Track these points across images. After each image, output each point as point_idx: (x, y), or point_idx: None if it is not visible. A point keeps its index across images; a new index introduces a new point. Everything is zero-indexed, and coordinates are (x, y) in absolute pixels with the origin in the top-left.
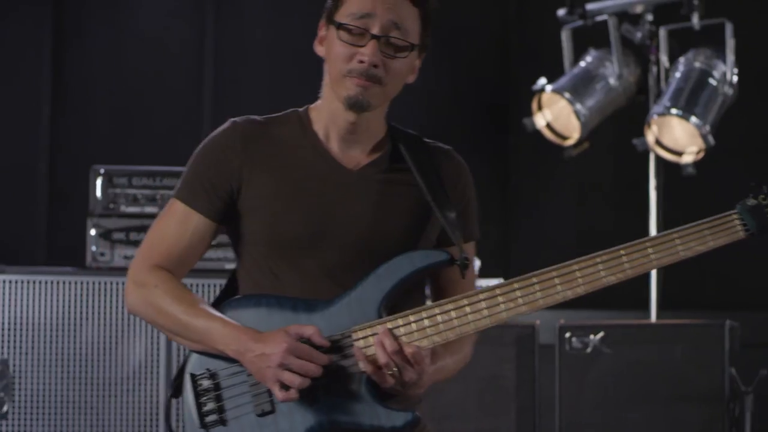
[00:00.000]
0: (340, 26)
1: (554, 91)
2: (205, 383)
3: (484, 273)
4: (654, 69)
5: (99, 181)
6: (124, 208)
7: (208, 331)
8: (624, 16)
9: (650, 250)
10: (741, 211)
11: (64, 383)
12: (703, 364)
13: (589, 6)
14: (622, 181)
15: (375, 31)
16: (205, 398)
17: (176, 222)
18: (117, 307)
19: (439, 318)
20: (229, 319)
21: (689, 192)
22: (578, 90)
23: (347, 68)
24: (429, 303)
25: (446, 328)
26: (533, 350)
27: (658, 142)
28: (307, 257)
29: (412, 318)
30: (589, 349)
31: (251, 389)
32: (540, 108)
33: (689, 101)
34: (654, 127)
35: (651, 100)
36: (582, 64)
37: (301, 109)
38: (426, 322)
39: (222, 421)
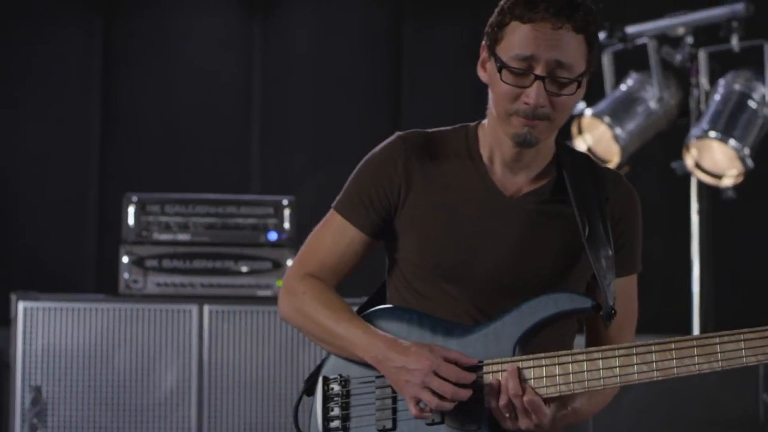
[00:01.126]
0: (502, 66)
1: (594, 115)
2: (336, 388)
3: None
4: (695, 92)
5: (132, 209)
6: (156, 236)
7: (349, 337)
8: (664, 38)
9: None
10: None
11: (96, 410)
12: (737, 390)
13: (629, 29)
14: (673, 204)
15: (539, 71)
16: (332, 403)
17: (332, 233)
18: (150, 334)
19: (570, 368)
20: (371, 327)
21: (731, 215)
22: (618, 114)
23: (513, 108)
24: (576, 348)
25: (575, 380)
26: None
27: (698, 165)
28: (452, 282)
29: (544, 362)
30: None
31: (377, 403)
32: (580, 132)
33: (728, 124)
34: (693, 150)
35: (692, 122)
36: (623, 87)
37: (471, 125)
38: (557, 369)
39: (344, 429)
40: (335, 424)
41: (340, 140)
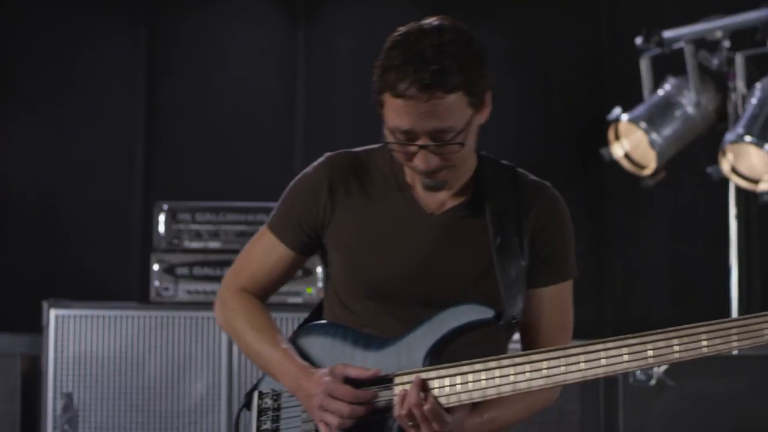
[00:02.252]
0: (387, 141)
1: (630, 120)
2: (268, 402)
3: (578, 303)
4: (733, 96)
5: (162, 217)
6: (187, 244)
7: (271, 361)
8: (701, 42)
9: (675, 341)
10: None
11: (127, 416)
12: None
13: (666, 34)
14: (712, 210)
15: (421, 141)
16: (264, 417)
17: (263, 249)
18: (180, 341)
19: (470, 377)
20: (289, 352)
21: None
22: (654, 119)
23: (409, 165)
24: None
25: (474, 388)
26: (597, 383)
27: (734, 170)
28: (377, 299)
29: (446, 372)
30: (653, 382)
31: (303, 415)
32: (617, 137)
33: (764, 128)
34: (729, 155)
35: (730, 127)
36: (660, 92)
37: None
38: (458, 379)
39: None
40: None
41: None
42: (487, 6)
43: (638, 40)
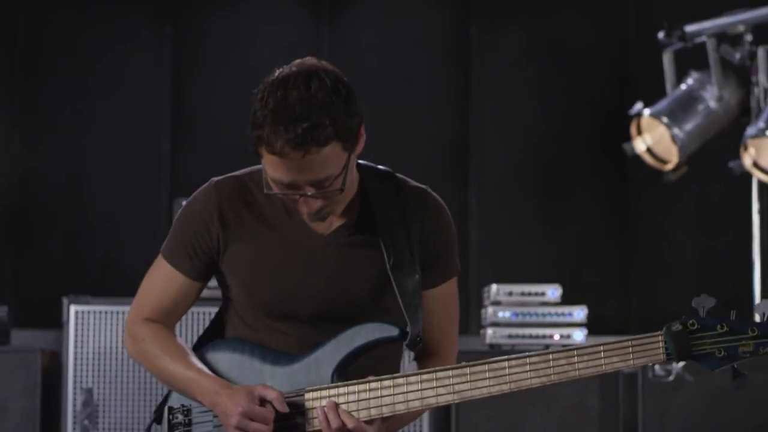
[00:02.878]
0: (269, 192)
1: (652, 115)
2: (180, 417)
3: (604, 299)
4: (756, 90)
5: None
6: None
7: (188, 382)
8: (723, 36)
9: (576, 358)
10: (666, 335)
11: (146, 411)
12: None
13: (688, 28)
14: (735, 204)
15: (302, 191)
16: (176, 431)
17: (162, 279)
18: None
19: (380, 392)
20: (204, 371)
21: None
22: (676, 114)
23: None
24: (407, 366)
25: (384, 403)
26: (617, 378)
27: (756, 164)
28: (278, 320)
29: (356, 388)
30: (671, 377)
31: (215, 430)
32: (640, 132)
33: None
34: (751, 149)
35: (752, 121)
36: (683, 86)
37: None
38: (367, 394)
39: None
40: None
41: (407, 143)
42: (512, 1)
43: (661, 35)
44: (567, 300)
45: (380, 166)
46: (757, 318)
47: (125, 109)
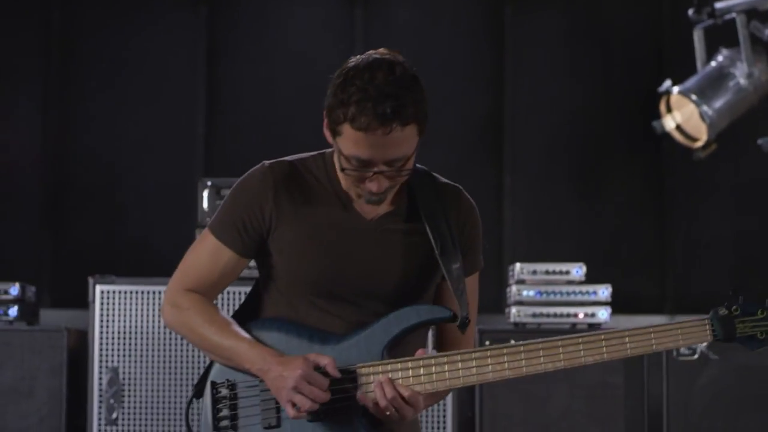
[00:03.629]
0: (343, 167)
1: (681, 93)
2: (224, 391)
3: (639, 278)
4: None
5: (206, 193)
6: None
7: (237, 351)
8: (753, 13)
9: (627, 340)
10: (713, 319)
11: (172, 390)
12: None
13: (718, 4)
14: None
15: (377, 168)
16: (221, 405)
17: (208, 253)
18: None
19: (433, 369)
20: (256, 341)
21: None
22: (705, 91)
23: (357, 189)
24: (431, 350)
25: (438, 379)
26: (641, 357)
27: None
28: (322, 298)
29: (410, 365)
30: (696, 356)
31: (262, 404)
32: (669, 110)
33: None
34: None
35: None
36: (713, 64)
37: (327, 152)
38: (422, 371)
39: (233, 427)
40: (224, 423)
41: (441, 124)
42: None
43: (690, 12)
44: (599, 279)
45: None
46: None
47: (160, 90)
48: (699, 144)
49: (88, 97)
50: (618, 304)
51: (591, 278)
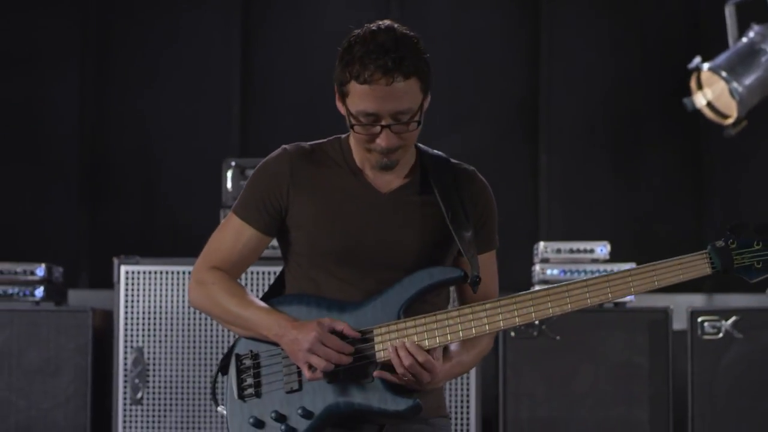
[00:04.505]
0: (352, 123)
1: (710, 69)
2: (247, 362)
3: (677, 255)
4: None
5: (230, 173)
6: None
7: (254, 318)
8: None
9: (630, 279)
10: (711, 252)
11: (196, 370)
12: None
13: None
14: None
15: (384, 122)
16: (245, 374)
17: (233, 233)
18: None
19: (447, 323)
20: (271, 308)
21: None
22: (736, 68)
23: (368, 147)
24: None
25: (451, 332)
26: (667, 336)
27: None
28: (341, 268)
29: (425, 320)
30: (720, 335)
31: (284, 369)
32: (700, 87)
33: None
34: None
35: None
36: (744, 40)
37: (343, 137)
38: (435, 325)
39: (257, 394)
40: (249, 392)
41: (477, 102)
42: None
43: None
44: (629, 258)
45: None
46: None
47: (195, 70)
48: (729, 121)
49: (125, 78)
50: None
51: (616, 256)
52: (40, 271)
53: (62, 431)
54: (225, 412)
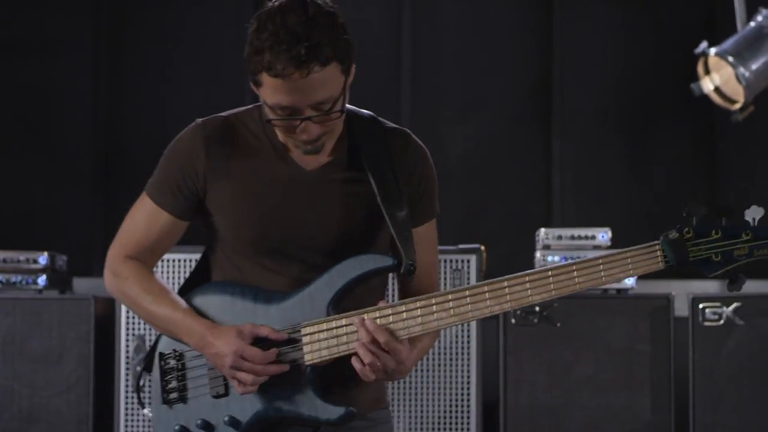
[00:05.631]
0: (269, 118)
1: (717, 54)
2: (172, 362)
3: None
4: None
5: None
6: None
7: (172, 322)
8: None
9: (575, 274)
10: (663, 244)
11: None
12: None
13: None
14: None
15: (304, 114)
16: (169, 377)
17: (146, 217)
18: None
19: (378, 322)
20: (190, 311)
21: None
22: (742, 53)
23: (290, 139)
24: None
25: (410, 325)
26: (668, 322)
27: None
28: (265, 254)
29: (356, 320)
30: (722, 321)
31: (209, 372)
32: (707, 72)
33: None
34: None
35: None
36: (752, 24)
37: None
38: (390, 319)
39: (183, 399)
40: (174, 396)
41: (488, 87)
42: None
43: None
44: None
45: (362, 110)
46: (750, 223)
47: (211, 57)
48: (737, 106)
49: (140, 66)
50: (671, 269)
51: (622, 243)
52: (43, 259)
53: (65, 419)
54: (151, 414)
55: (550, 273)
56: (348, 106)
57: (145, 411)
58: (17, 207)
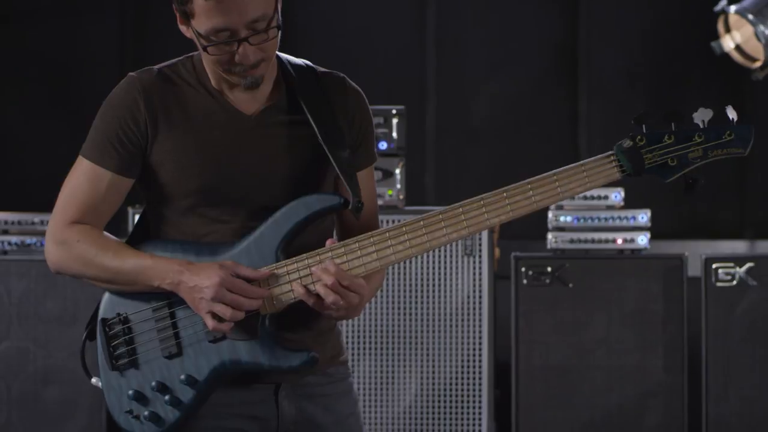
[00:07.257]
0: (205, 45)
1: (737, 12)
2: (117, 327)
3: (719, 203)
4: None
5: None
6: None
7: (142, 270)
8: None
9: (531, 193)
10: (617, 153)
11: None
12: None
13: None
14: None
15: (240, 35)
16: (116, 342)
17: (86, 179)
18: None
19: (352, 255)
20: (156, 255)
21: None
22: (763, 10)
23: (228, 68)
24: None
25: (367, 262)
26: (681, 283)
27: None
28: (208, 205)
29: (307, 261)
30: (734, 282)
31: (158, 334)
32: (728, 30)
33: None
34: None
35: None
36: None
37: (195, 54)
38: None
39: (133, 364)
40: (123, 362)
41: (514, 47)
42: None
43: None
44: (644, 204)
45: (296, 58)
46: (700, 125)
47: None
48: (757, 64)
49: (165, 30)
50: (695, 230)
51: (630, 203)
52: None
53: (79, 379)
54: (100, 384)
55: (505, 194)
56: (281, 54)
57: (93, 380)
58: (40, 170)
